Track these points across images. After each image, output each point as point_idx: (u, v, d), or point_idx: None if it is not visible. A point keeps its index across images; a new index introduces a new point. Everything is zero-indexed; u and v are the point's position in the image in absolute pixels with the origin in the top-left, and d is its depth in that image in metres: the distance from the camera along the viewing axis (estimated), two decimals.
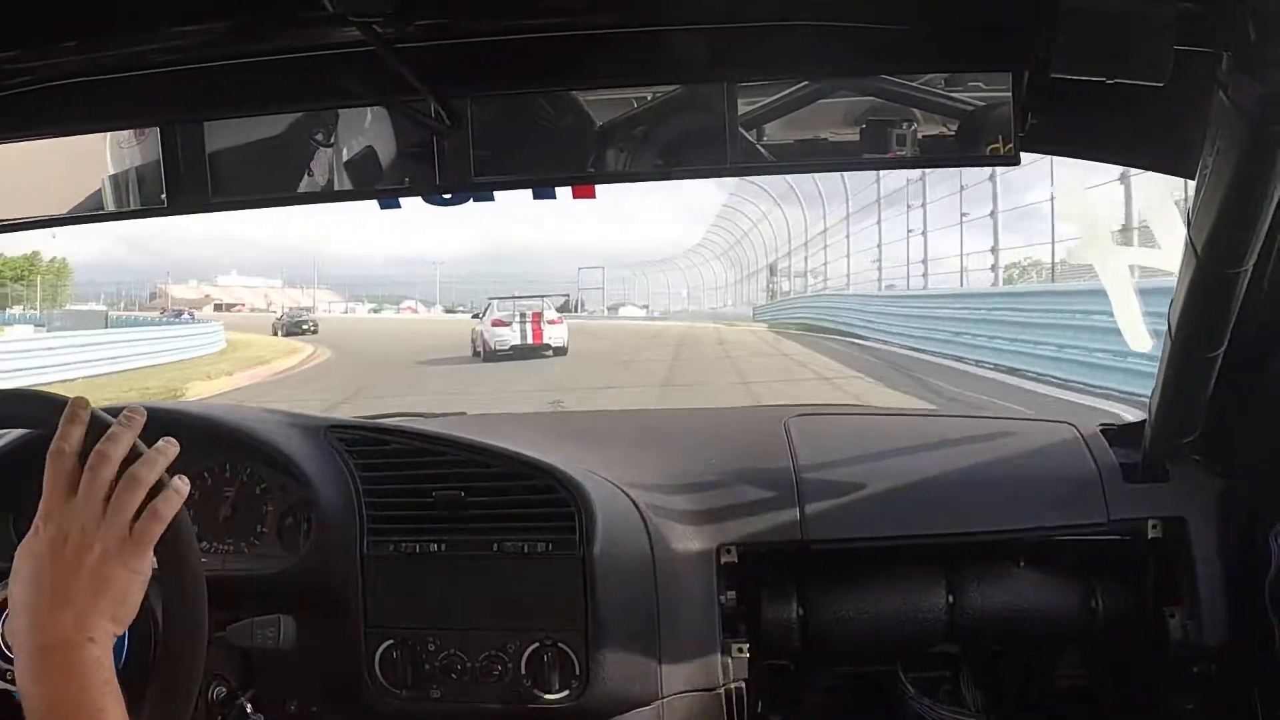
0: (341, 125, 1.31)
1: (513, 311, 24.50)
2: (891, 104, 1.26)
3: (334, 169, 1.32)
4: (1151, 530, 1.61)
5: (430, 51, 1.15)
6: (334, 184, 1.32)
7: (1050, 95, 1.15)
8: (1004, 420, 1.97)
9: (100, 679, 0.89)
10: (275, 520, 1.63)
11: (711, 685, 1.59)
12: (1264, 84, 0.93)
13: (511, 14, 1.15)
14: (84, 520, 0.92)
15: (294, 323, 41.21)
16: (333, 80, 1.21)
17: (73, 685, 0.87)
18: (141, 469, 0.94)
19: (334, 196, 1.36)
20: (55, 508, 0.93)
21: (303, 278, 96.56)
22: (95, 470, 0.93)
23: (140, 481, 0.93)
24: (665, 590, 1.56)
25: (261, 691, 1.50)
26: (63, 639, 0.89)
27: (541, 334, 23.91)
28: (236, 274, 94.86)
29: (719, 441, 1.90)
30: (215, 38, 1.16)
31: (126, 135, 1.33)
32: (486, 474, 1.57)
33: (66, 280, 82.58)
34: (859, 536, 1.65)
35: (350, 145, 1.31)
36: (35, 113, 1.26)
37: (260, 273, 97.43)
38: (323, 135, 1.31)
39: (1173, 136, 1.22)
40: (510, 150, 1.30)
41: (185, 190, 1.31)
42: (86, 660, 0.89)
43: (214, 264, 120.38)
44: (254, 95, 1.26)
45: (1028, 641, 1.71)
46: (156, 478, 0.95)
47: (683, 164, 1.31)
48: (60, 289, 77.55)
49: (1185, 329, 1.31)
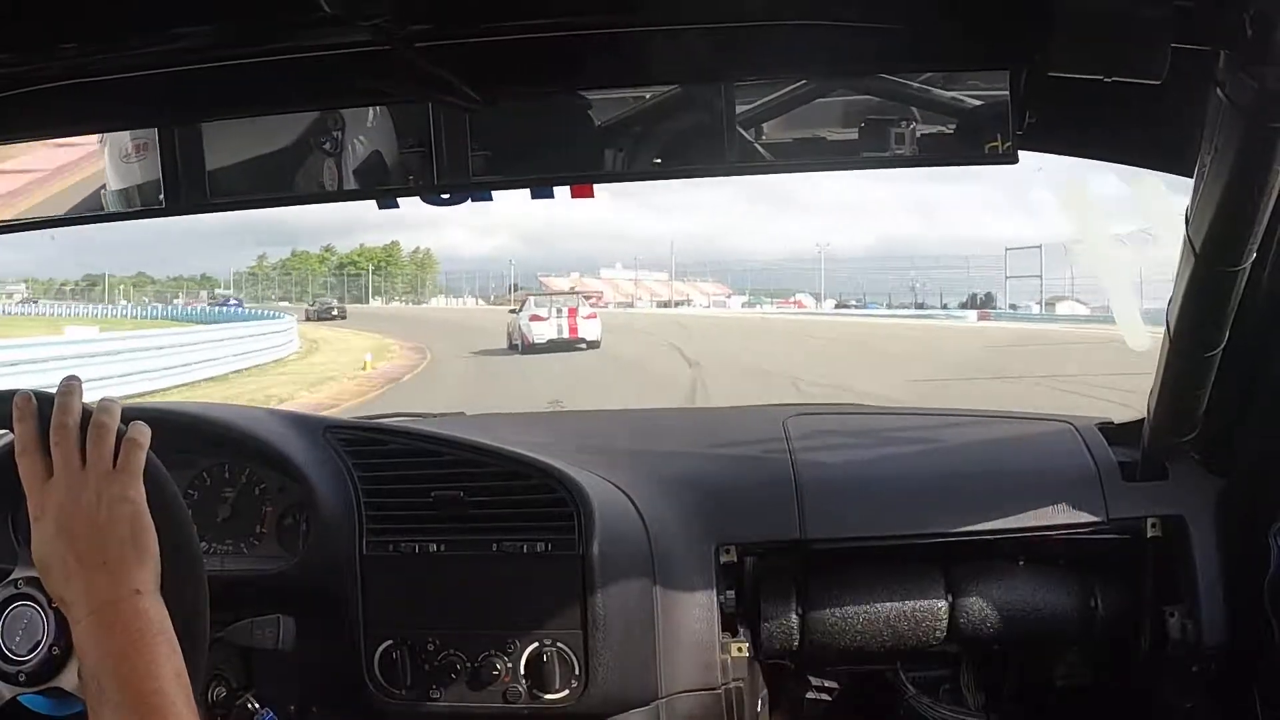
0: (340, 126, 1.31)
1: (550, 307, 25.66)
2: (890, 103, 1.26)
3: (332, 169, 1.32)
4: (1150, 529, 1.61)
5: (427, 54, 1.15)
6: (332, 184, 1.32)
7: (1048, 94, 1.16)
8: (1003, 419, 1.97)
9: (151, 629, 0.90)
10: (274, 520, 1.64)
11: (711, 685, 1.59)
12: (1261, 81, 0.93)
13: (509, 16, 1.15)
14: (72, 485, 0.94)
15: (323, 309, 44.55)
16: (331, 81, 1.21)
17: (124, 640, 0.89)
18: (102, 417, 0.97)
19: (332, 197, 1.36)
20: (42, 496, 0.95)
21: (693, 270, 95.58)
22: (59, 445, 0.95)
23: (105, 427, 0.96)
24: (664, 590, 1.56)
25: (261, 692, 1.50)
26: (106, 600, 0.90)
27: (577, 329, 25.00)
28: (620, 267, 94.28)
29: (718, 441, 1.90)
30: (214, 40, 1.16)
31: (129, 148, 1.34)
32: (485, 474, 1.57)
33: (431, 271, 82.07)
34: (858, 536, 1.65)
35: (348, 145, 1.31)
36: (36, 114, 1.26)
37: (655, 266, 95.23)
38: (321, 136, 1.32)
39: (1170, 135, 1.23)
40: (508, 150, 1.30)
41: (183, 190, 1.31)
42: (135, 613, 0.90)
43: (604, 255, 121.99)
44: (251, 96, 1.26)
45: (1027, 640, 1.71)
46: (116, 421, 0.97)
47: (681, 164, 1.31)
48: (424, 279, 77.43)
49: (1184, 327, 1.31)
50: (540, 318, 25.28)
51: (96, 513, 0.93)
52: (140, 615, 0.90)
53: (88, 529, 0.93)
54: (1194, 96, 1.04)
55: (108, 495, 0.94)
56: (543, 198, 1.33)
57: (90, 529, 0.93)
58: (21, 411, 0.97)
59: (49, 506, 0.95)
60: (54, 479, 0.95)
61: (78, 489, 0.94)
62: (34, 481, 0.96)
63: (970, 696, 1.82)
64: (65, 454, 0.95)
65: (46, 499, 0.95)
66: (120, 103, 1.27)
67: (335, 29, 1.09)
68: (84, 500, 0.94)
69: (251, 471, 1.65)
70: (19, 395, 0.99)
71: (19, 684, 0.99)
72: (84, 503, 0.94)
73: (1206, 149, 1.08)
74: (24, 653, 1.02)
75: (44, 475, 0.96)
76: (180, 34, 1.14)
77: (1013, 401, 10.65)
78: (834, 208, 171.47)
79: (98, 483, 0.94)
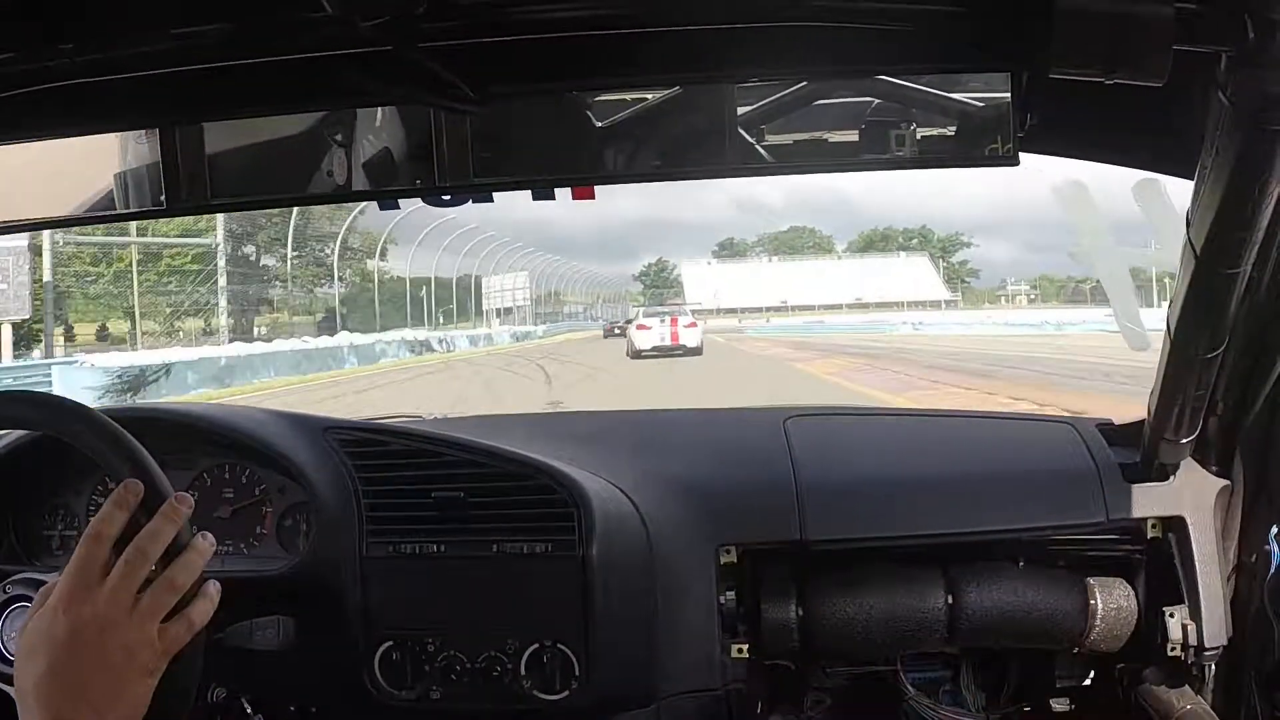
0: (340, 126, 1.31)
1: (655, 318, 29.69)
2: (890, 104, 1.26)
3: (333, 169, 1.32)
4: (1151, 530, 1.62)
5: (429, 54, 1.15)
6: (333, 184, 1.32)
7: (1049, 96, 1.16)
8: (1003, 420, 1.98)
9: None
10: (274, 521, 1.64)
11: (711, 686, 1.60)
12: (1262, 83, 0.93)
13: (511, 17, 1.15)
14: (113, 614, 0.87)
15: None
16: (332, 82, 1.21)
17: None
18: (179, 574, 0.90)
19: (333, 197, 1.36)
20: (81, 594, 0.88)
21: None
22: (131, 565, 0.89)
23: (175, 588, 0.90)
24: (664, 591, 1.56)
25: (261, 693, 1.50)
26: None
27: (678, 336, 28.55)
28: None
29: (718, 442, 1.90)
30: (214, 40, 1.15)
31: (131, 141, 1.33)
32: (486, 475, 1.57)
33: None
34: (858, 536, 1.65)
35: (349, 146, 1.31)
36: (35, 114, 1.26)
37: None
38: (322, 136, 1.31)
39: (1172, 137, 1.22)
40: (510, 151, 1.30)
41: (184, 191, 1.31)
42: None
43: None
44: (252, 97, 1.26)
45: (1027, 641, 1.71)
46: (192, 581, 0.91)
47: (682, 165, 1.31)
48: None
49: (1184, 328, 1.31)
50: (646, 327, 29.08)
51: (117, 659, 0.86)
52: None
53: (97, 665, 0.86)
54: (1195, 99, 1.04)
55: (139, 659, 0.87)
56: (543, 199, 1.33)
57: (98, 668, 0.86)
58: (124, 503, 0.91)
59: (79, 607, 0.87)
60: (104, 589, 0.87)
61: (120, 621, 0.87)
62: (84, 573, 0.88)
63: (970, 697, 1.82)
64: (130, 580, 0.88)
65: (82, 597, 0.87)
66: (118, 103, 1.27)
67: (336, 29, 1.09)
68: (117, 640, 0.86)
69: (252, 472, 1.65)
70: (130, 483, 0.92)
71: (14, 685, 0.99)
72: (115, 642, 0.86)
73: (1207, 151, 1.08)
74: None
75: (98, 575, 0.88)
76: (180, 34, 1.14)
77: None
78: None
79: (136, 636, 0.87)
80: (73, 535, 1.69)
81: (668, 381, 21.17)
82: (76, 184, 1.39)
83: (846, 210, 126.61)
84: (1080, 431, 1.74)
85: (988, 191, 21.55)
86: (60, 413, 1.09)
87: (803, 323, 60.84)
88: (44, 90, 1.21)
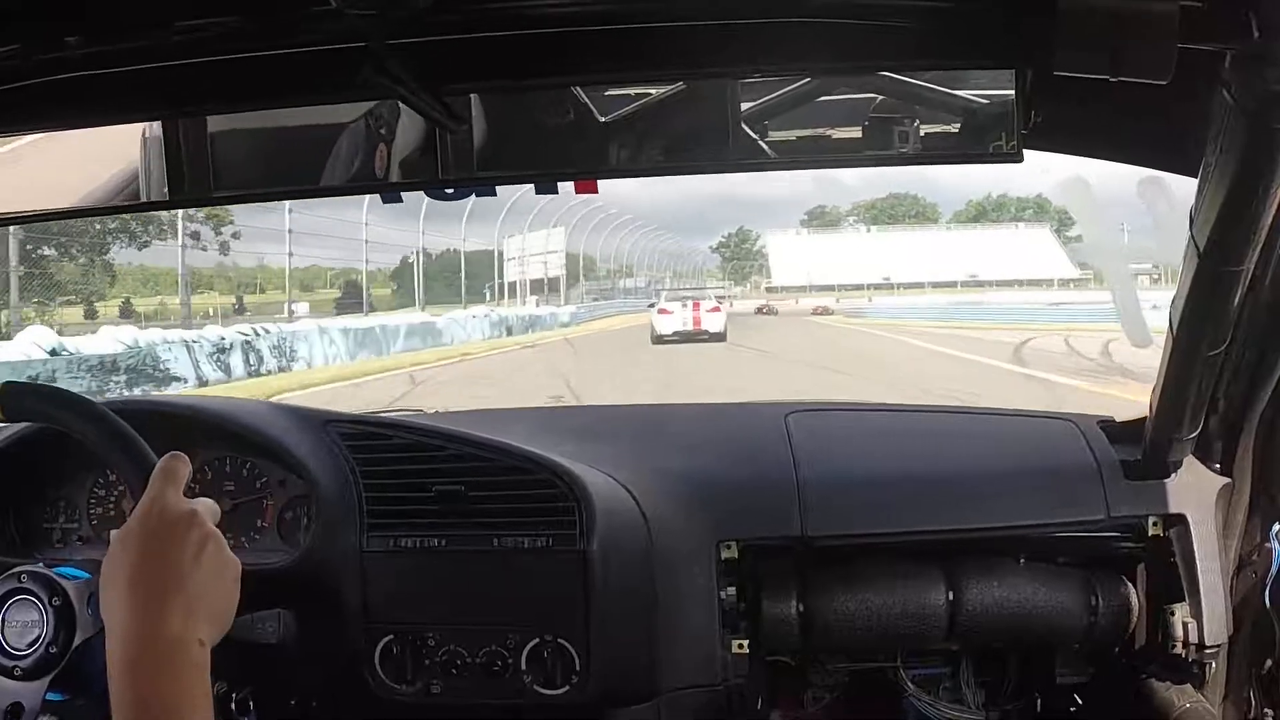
0: (343, 120, 1.31)
1: (677, 301, 28.73)
2: (894, 101, 1.26)
3: (336, 162, 1.32)
4: (1152, 527, 1.62)
5: (432, 46, 1.15)
6: (336, 177, 1.32)
7: (1053, 93, 1.15)
8: (1004, 416, 1.97)
9: (201, 686, 0.85)
10: (275, 514, 1.64)
11: (711, 681, 1.60)
12: (1267, 82, 0.93)
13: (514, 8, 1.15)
14: (207, 513, 0.93)
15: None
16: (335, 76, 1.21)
17: (172, 686, 0.83)
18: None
19: (337, 190, 1.35)
20: (173, 497, 0.91)
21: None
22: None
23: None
24: (665, 586, 1.57)
25: (261, 686, 1.50)
26: (172, 635, 0.85)
27: (700, 320, 27.63)
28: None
29: (719, 437, 1.90)
30: (217, 33, 1.15)
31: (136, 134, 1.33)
32: (487, 469, 1.57)
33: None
34: (859, 532, 1.65)
35: (352, 139, 1.31)
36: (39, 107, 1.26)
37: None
38: (325, 130, 1.31)
39: (1176, 134, 1.22)
40: (513, 144, 1.30)
41: (187, 183, 1.31)
42: (190, 662, 0.85)
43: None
44: (255, 91, 1.26)
45: (1027, 638, 1.71)
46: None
47: (685, 160, 1.31)
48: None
49: (1187, 326, 1.31)
50: (667, 311, 27.93)
51: (209, 556, 0.91)
52: (193, 668, 0.86)
53: (195, 558, 0.89)
54: (1200, 97, 1.04)
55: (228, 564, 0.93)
56: (546, 192, 1.33)
57: (196, 560, 0.89)
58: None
59: (173, 508, 0.91)
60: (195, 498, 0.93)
61: (211, 521, 0.93)
62: (170, 480, 0.92)
63: (970, 694, 1.82)
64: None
65: (176, 498, 0.91)
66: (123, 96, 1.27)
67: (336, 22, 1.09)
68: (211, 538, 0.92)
69: (253, 465, 1.65)
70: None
71: (14, 678, 0.99)
72: (210, 538, 0.92)
73: (1211, 149, 1.08)
74: (22, 648, 1.02)
75: (181, 482, 0.93)
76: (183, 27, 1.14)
77: None
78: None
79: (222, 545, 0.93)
80: (73, 528, 1.69)
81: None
82: (81, 177, 1.39)
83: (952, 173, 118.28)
84: (1082, 428, 1.74)
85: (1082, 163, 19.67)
86: (61, 405, 1.09)
87: (947, 303, 46.36)
88: (47, 83, 1.21)
